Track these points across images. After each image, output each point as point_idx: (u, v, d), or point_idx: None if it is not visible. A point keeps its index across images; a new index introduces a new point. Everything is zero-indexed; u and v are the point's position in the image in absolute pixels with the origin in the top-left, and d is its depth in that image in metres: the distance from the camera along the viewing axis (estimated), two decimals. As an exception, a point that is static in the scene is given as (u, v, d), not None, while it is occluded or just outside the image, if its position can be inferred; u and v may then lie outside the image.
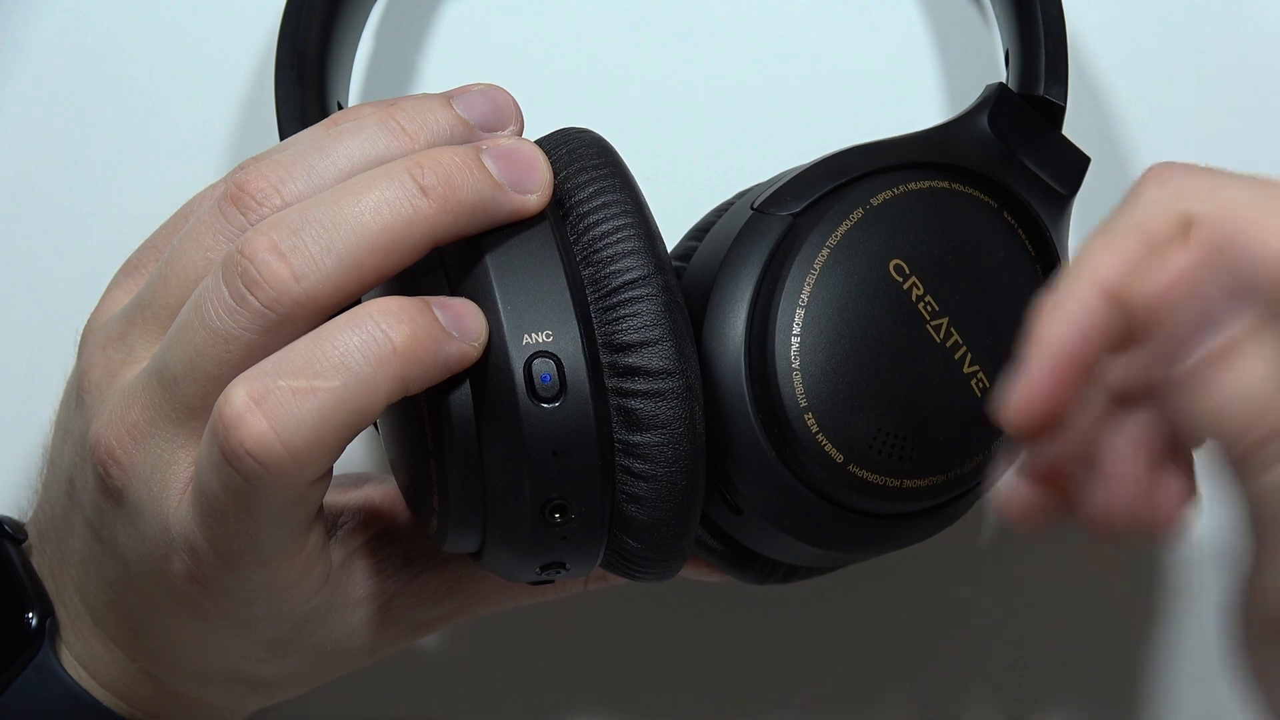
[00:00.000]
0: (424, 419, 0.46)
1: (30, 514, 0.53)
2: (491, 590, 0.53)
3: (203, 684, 0.51)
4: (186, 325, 0.45)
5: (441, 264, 0.46)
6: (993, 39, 0.60)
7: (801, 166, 0.50)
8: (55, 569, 0.50)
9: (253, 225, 0.46)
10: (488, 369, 0.45)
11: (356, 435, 0.44)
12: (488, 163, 0.46)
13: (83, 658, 0.50)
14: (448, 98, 0.48)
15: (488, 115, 0.48)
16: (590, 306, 0.46)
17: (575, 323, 0.45)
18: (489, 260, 0.46)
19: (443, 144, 0.47)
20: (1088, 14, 0.59)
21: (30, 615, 0.50)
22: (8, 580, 0.50)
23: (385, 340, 0.43)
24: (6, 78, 0.61)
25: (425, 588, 0.52)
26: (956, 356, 0.48)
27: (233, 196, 0.46)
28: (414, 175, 0.45)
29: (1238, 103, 0.60)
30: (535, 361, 0.45)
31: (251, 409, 0.43)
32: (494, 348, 0.45)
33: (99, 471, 0.46)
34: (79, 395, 0.48)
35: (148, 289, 0.47)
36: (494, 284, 0.45)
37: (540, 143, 0.48)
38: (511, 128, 0.48)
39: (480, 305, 0.45)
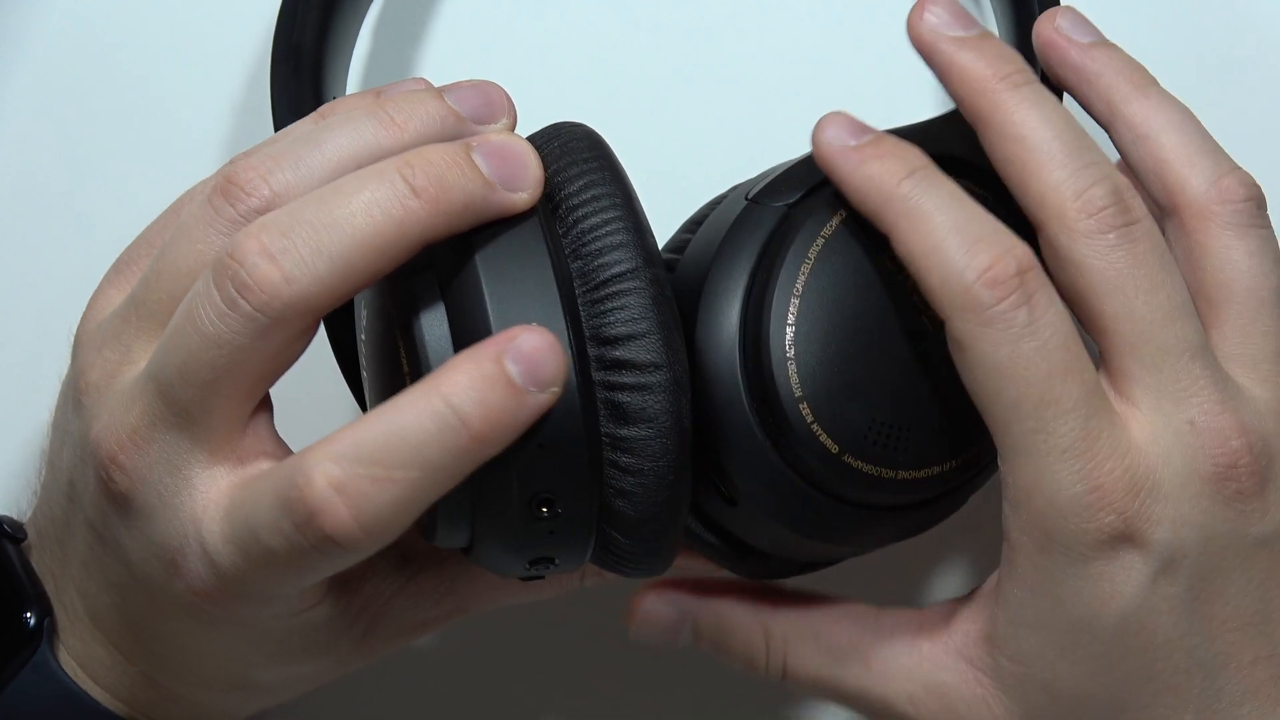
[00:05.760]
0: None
1: (29, 515, 0.53)
2: (489, 588, 0.53)
3: (202, 688, 0.51)
4: (179, 330, 0.45)
5: (431, 262, 0.46)
6: (992, 32, 0.60)
7: (796, 158, 0.50)
8: (55, 570, 0.50)
9: (242, 216, 0.45)
10: None
11: None
12: (478, 160, 0.46)
13: (81, 659, 0.50)
14: (439, 91, 0.48)
15: (479, 108, 0.48)
16: (578, 300, 0.46)
17: (562, 316, 0.45)
18: (477, 256, 0.45)
19: (433, 135, 0.47)
20: (1087, 14, 0.58)
21: (29, 614, 0.50)
22: (6, 579, 0.50)
23: (460, 428, 0.43)
24: (5, 74, 0.61)
25: (423, 588, 0.52)
26: (953, 347, 0.48)
27: (222, 189, 0.46)
28: (405, 175, 0.45)
29: (1238, 104, 0.60)
30: None
31: (333, 497, 0.42)
32: None
33: (102, 476, 0.46)
34: (76, 398, 0.48)
35: (141, 287, 0.47)
36: (481, 279, 0.45)
37: (532, 138, 0.48)
38: (503, 121, 0.48)
39: (468, 300, 0.45)
